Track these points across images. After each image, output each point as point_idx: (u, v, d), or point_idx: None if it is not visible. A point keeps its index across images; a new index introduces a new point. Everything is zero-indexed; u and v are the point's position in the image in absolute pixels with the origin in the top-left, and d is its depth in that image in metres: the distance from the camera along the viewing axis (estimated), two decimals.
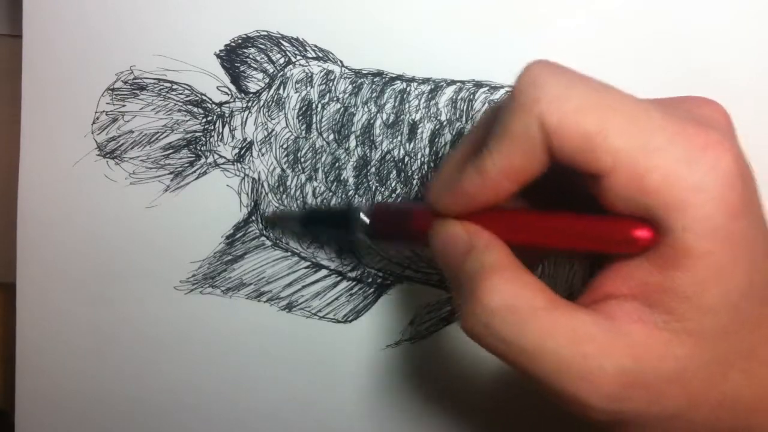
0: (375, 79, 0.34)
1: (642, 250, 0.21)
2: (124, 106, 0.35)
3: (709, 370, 0.21)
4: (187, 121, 0.35)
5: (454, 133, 0.34)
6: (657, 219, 0.21)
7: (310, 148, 0.34)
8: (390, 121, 0.34)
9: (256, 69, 0.34)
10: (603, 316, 0.21)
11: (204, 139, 0.35)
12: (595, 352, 0.21)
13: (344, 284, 0.35)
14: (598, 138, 0.21)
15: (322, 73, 0.34)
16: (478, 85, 0.33)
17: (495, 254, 0.23)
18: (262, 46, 0.34)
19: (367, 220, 0.29)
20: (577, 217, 0.23)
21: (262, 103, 0.35)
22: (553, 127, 0.21)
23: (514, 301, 0.21)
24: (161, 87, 0.35)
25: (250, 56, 0.34)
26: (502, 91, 0.33)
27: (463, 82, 0.34)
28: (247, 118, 0.35)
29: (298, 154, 0.35)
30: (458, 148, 0.26)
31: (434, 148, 0.34)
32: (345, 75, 0.34)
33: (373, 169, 0.34)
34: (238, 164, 0.35)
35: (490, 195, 0.23)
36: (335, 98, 0.34)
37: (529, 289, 0.22)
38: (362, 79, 0.34)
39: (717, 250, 0.20)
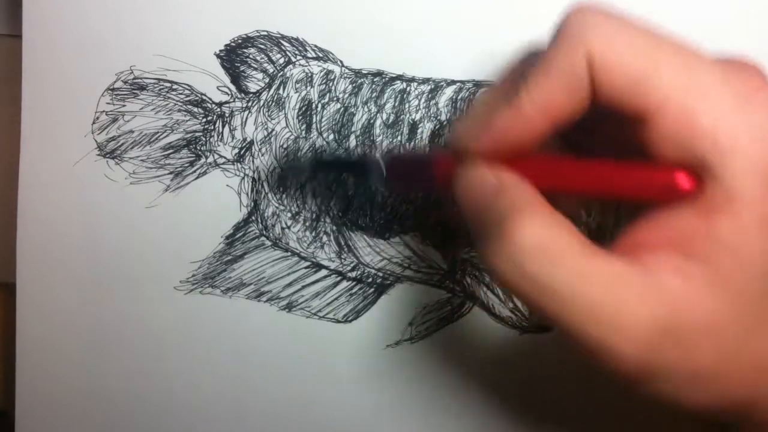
0: (375, 79, 0.34)
1: (683, 198, 0.21)
2: (124, 106, 0.35)
3: (742, 326, 0.20)
4: (187, 121, 0.35)
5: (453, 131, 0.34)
6: (704, 162, 0.20)
7: (310, 148, 0.34)
8: (390, 121, 0.34)
9: (256, 69, 0.34)
10: (638, 264, 0.21)
11: (204, 139, 0.35)
12: (631, 299, 0.20)
13: (344, 284, 0.35)
14: (646, 74, 0.20)
15: (322, 73, 0.34)
16: (478, 85, 0.33)
17: (527, 194, 0.22)
18: (262, 46, 0.34)
19: (383, 167, 0.28)
20: (616, 164, 0.22)
21: (262, 103, 0.35)
22: (600, 62, 0.20)
23: (549, 241, 0.20)
24: (161, 87, 0.35)
25: (250, 56, 0.34)
26: None
27: (463, 82, 0.34)
28: (247, 118, 0.35)
29: (299, 154, 0.35)
30: (491, 89, 0.25)
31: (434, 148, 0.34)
32: (345, 75, 0.34)
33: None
34: (238, 164, 0.35)
35: (524, 133, 0.22)
36: (335, 98, 0.34)
37: (565, 231, 0.21)
38: (362, 79, 0.34)
39: (763, 200, 0.20)
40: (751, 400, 0.22)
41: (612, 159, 0.22)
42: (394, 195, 0.34)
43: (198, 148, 0.35)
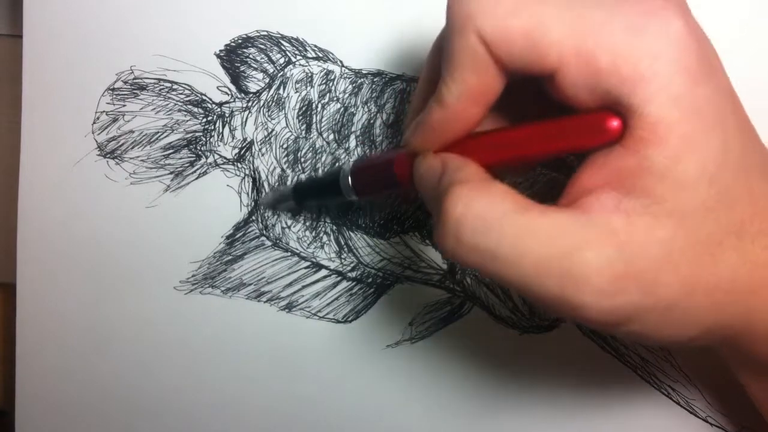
0: (375, 79, 0.34)
1: (614, 138, 0.21)
2: (124, 106, 0.35)
3: (696, 251, 0.20)
4: (187, 121, 0.35)
5: None
6: (619, 99, 0.20)
7: (310, 148, 0.34)
8: (390, 121, 0.34)
9: (256, 69, 0.35)
10: (579, 211, 0.21)
11: (204, 139, 0.35)
12: (576, 246, 0.20)
13: (344, 284, 0.35)
14: (536, 34, 0.20)
15: (322, 73, 0.34)
16: None
17: (464, 171, 0.22)
18: (262, 46, 0.34)
19: (349, 175, 0.29)
20: (548, 122, 0.22)
21: (262, 103, 0.35)
22: (491, 37, 0.21)
23: (482, 208, 0.21)
24: (161, 87, 0.35)
25: (250, 56, 0.34)
26: None
27: None
28: (247, 118, 0.35)
29: (298, 154, 0.35)
30: (418, 86, 0.26)
31: None
32: (345, 75, 0.34)
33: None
34: (238, 164, 0.35)
35: (459, 124, 0.23)
36: (335, 98, 0.34)
37: (498, 195, 0.21)
38: (362, 79, 0.34)
39: (684, 119, 0.20)
40: (725, 323, 0.21)
41: (544, 119, 0.23)
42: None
43: (198, 148, 0.35)
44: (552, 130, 0.22)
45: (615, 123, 0.21)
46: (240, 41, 0.34)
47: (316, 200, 0.33)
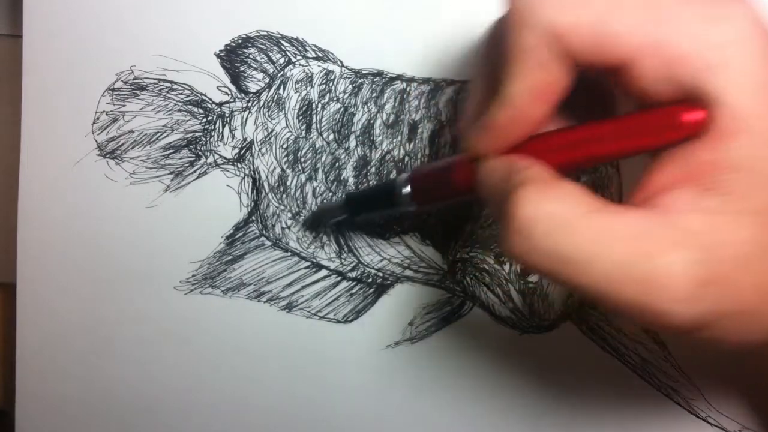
0: (375, 79, 0.34)
1: (695, 131, 0.20)
2: (124, 106, 0.35)
3: None
4: (187, 121, 0.35)
5: (454, 133, 0.34)
6: (696, 90, 0.19)
7: (310, 148, 0.34)
8: (390, 121, 0.34)
9: (256, 69, 0.34)
10: (656, 211, 0.19)
11: (204, 139, 0.35)
12: (656, 249, 0.18)
13: (344, 284, 0.35)
14: (608, 24, 0.19)
15: (322, 73, 0.34)
16: None
17: (532, 171, 0.21)
18: (262, 46, 0.34)
19: (408, 189, 0.27)
20: (621, 119, 0.21)
21: (262, 103, 0.35)
22: (560, 30, 0.20)
23: (554, 208, 0.19)
24: (161, 87, 0.35)
25: (250, 56, 0.34)
26: None
27: (463, 82, 0.34)
28: (247, 118, 0.35)
29: (298, 154, 0.35)
30: (472, 87, 0.24)
31: (434, 149, 0.34)
32: (345, 75, 0.34)
33: (373, 169, 0.34)
34: (238, 164, 0.35)
35: (525, 124, 0.22)
36: (335, 98, 0.34)
37: (571, 195, 0.19)
38: (362, 79, 0.34)
39: (765, 108, 0.19)
40: None
41: (614, 117, 0.22)
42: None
43: (198, 148, 0.35)
44: (627, 126, 0.21)
45: (694, 114, 0.20)
46: (240, 41, 0.34)
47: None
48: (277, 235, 0.35)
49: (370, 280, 0.35)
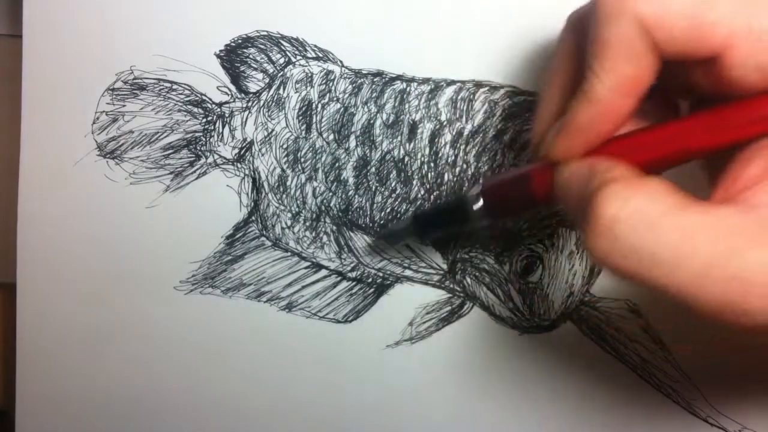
0: (375, 79, 0.34)
1: None
2: (124, 106, 0.35)
3: None
4: (187, 121, 0.35)
5: (454, 133, 0.34)
6: None
7: (310, 148, 0.34)
8: (390, 121, 0.34)
9: (256, 69, 0.34)
10: (744, 207, 0.19)
11: (204, 139, 0.35)
12: (745, 246, 0.18)
13: (344, 284, 0.35)
14: (701, 12, 0.19)
15: (322, 73, 0.34)
16: (478, 85, 0.33)
17: (615, 170, 0.20)
18: (262, 46, 0.34)
19: (480, 203, 0.27)
20: (708, 113, 0.21)
21: (262, 103, 0.35)
22: (652, 19, 0.19)
23: (640, 205, 0.19)
24: (161, 87, 0.35)
25: (250, 56, 0.34)
26: (502, 91, 0.33)
27: (463, 82, 0.34)
28: (247, 118, 0.35)
29: (298, 154, 0.35)
30: (549, 85, 0.24)
31: (434, 148, 0.34)
32: (345, 75, 0.34)
33: (373, 169, 0.34)
34: (238, 164, 0.35)
35: (610, 121, 0.21)
36: (335, 98, 0.34)
37: (657, 191, 0.19)
38: (362, 79, 0.34)
39: None
40: None
41: (702, 111, 0.21)
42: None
43: (198, 148, 0.35)
44: (716, 120, 0.21)
45: None
46: (240, 41, 0.34)
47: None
48: (277, 235, 0.35)
49: (370, 280, 0.35)
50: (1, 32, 0.38)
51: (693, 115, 0.21)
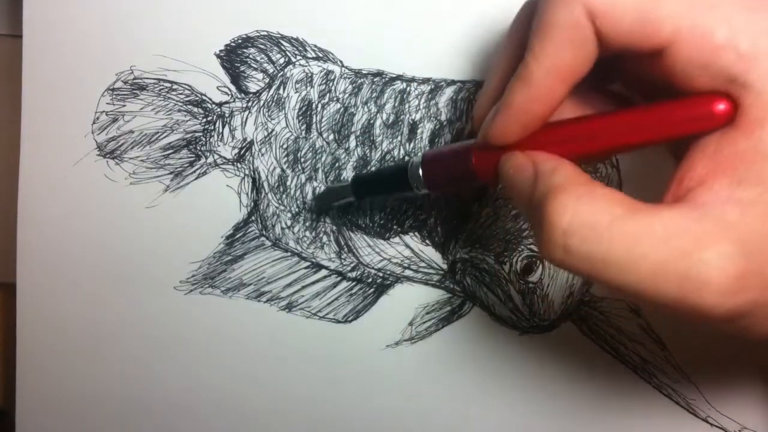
0: (375, 79, 0.34)
1: (724, 121, 0.20)
2: (124, 106, 0.35)
3: None
4: (187, 121, 0.35)
5: (453, 133, 0.34)
6: (734, 77, 0.19)
7: (310, 148, 0.34)
8: (390, 121, 0.34)
9: (256, 69, 0.34)
10: (691, 206, 0.19)
11: (204, 139, 0.35)
12: (693, 245, 0.18)
13: (344, 284, 0.35)
14: (650, 7, 0.19)
15: (322, 73, 0.34)
16: (478, 85, 0.33)
17: (562, 175, 0.21)
18: (262, 46, 0.34)
19: (420, 172, 0.27)
20: (646, 108, 0.21)
21: (262, 103, 0.35)
22: (601, 10, 0.20)
23: (590, 216, 0.19)
24: (161, 87, 0.35)
25: (250, 56, 0.34)
26: None
27: (463, 82, 0.34)
28: (247, 118, 0.35)
29: (298, 154, 0.35)
30: (493, 70, 0.24)
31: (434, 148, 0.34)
32: (345, 75, 0.34)
33: (373, 169, 0.34)
34: (238, 164, 0.35)
35: (544, 104, 0.21)
36: (335, 98, 0.34)
37: (604, 200, 0.20)
38: (362, 79, 0.34)
39: None
40: None
41: (639, 105, 0.21)
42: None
43: (198, 148, 0.35)
44: (656, 115, 0.21)
45: (727, 104, 0.20)
46: (240, 41, 0.34)
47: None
48: (277, 235, 0.35)
49: (370, 280, 0.35)
50: (1, 32, 0.38)
51: (635, 108, 0.21)
